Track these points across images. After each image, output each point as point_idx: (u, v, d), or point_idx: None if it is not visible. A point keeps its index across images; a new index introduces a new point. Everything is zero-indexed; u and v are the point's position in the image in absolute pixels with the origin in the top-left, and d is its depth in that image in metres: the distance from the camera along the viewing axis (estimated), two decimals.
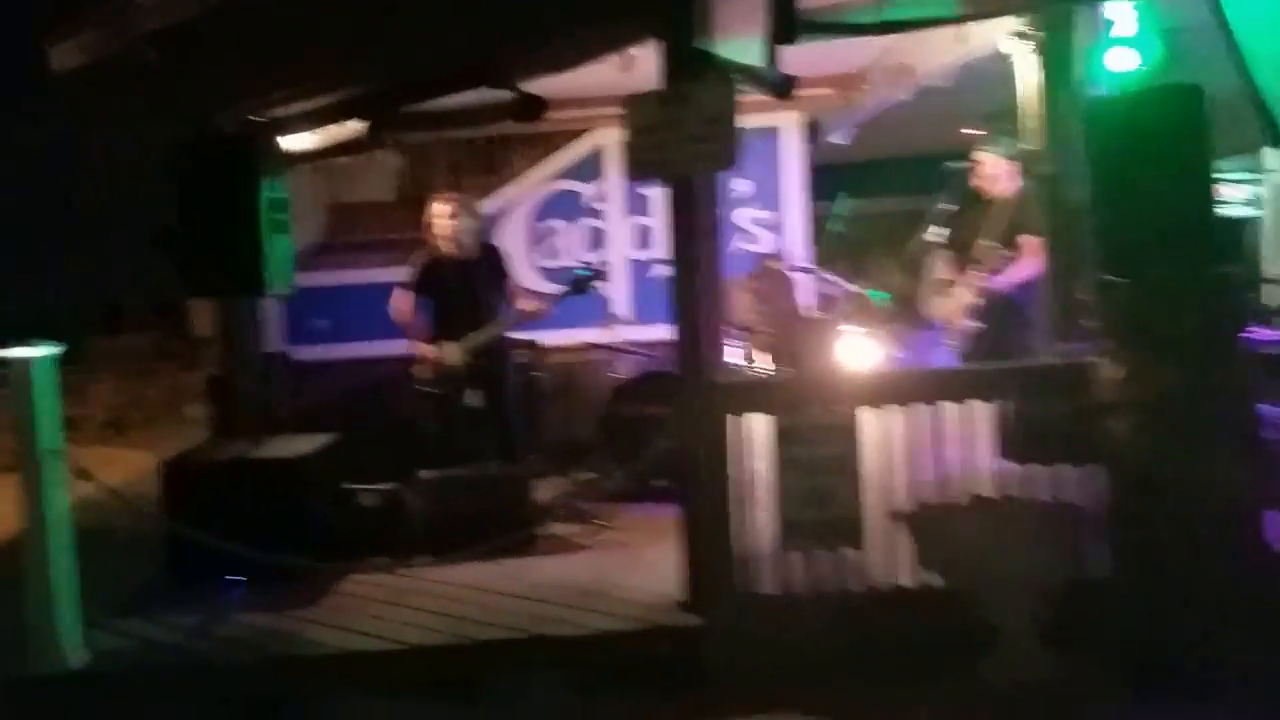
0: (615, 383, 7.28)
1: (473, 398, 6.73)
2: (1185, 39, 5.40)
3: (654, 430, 6.84)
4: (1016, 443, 4.72)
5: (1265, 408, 4.75)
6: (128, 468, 10.25)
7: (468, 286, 6.65)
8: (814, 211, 8.37)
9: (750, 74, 4.74)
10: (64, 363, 4.74)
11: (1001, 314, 6.29)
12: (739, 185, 8.10)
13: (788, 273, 7.75)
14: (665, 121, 4.64)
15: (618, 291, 8.04)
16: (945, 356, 7.36)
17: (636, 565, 5.58)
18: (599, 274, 6.84)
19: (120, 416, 12.65)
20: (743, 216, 8.16)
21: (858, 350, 6.96)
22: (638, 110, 4.73)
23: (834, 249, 8.17)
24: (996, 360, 5.98)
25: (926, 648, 4.50)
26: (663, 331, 7.70)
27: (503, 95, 5.58)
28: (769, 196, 8.19)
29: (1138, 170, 4.16)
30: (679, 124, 4.61)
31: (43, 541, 4.52)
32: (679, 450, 4.83)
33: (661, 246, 8.05)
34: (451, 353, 6.61)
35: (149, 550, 5.70)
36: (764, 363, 7.15)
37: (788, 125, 8.16)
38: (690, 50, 4.61)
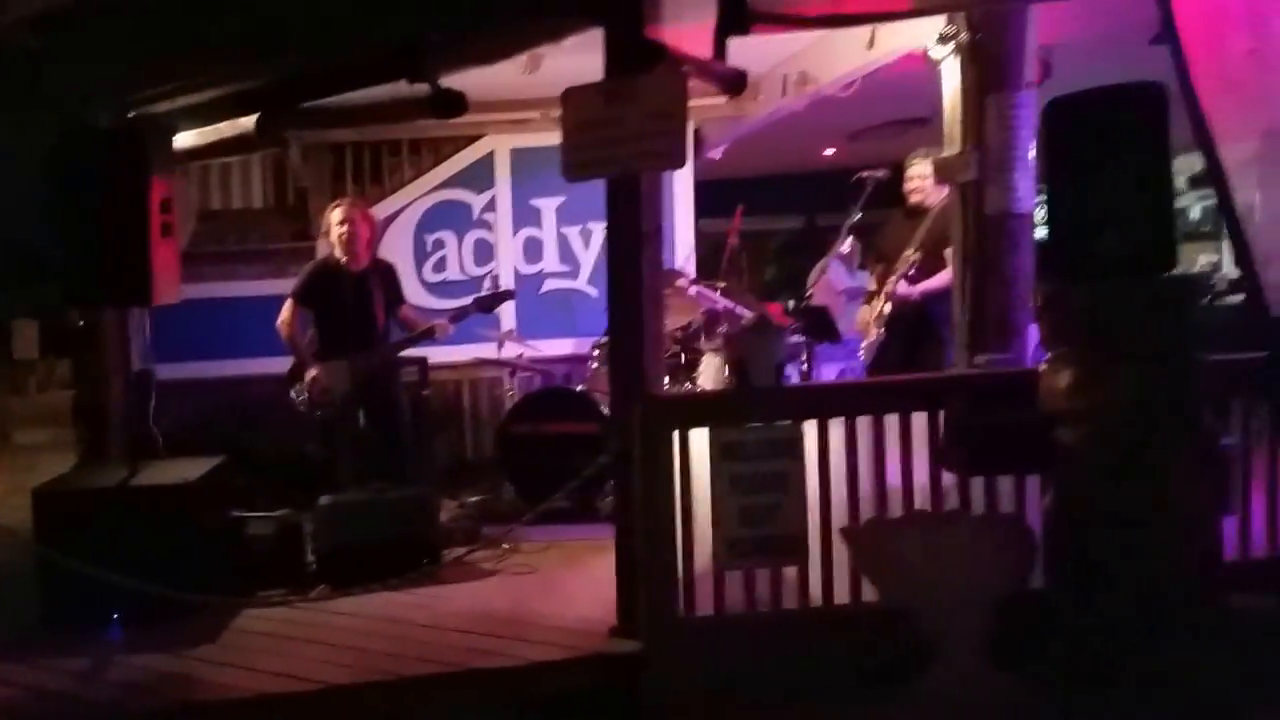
0: (510, 401, 6.99)
1: (357, 419, 6.36)
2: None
3: (552, 449, 6.59)
4: (956, 454, 4.60)
5: None
6: None
7: (361, 301, 6.30)
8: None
9: (702, 67, 4.53)
10: None
11: (913, 325, 6.25)
12: None
13: (688, 289, 7.56)
14: (609, 117, 4.39)
15: (507, 307, 7.71)
16: (846, 369, 7.30)
17: (552, 591, 5.29)
18: (509, 293, 6.50)
19: None
20: None
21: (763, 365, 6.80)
22: (577, 105, 4.47)
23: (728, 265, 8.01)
24: (904, 372, 5.93)
25: (870, 667, 4.34)
26: (554, 348, 7.55)
27: (417, 90, 5.22)
28: None
29: (1096, 173, 4.07)
30: (624, 120, 4.37)
31: None
32: (614, 466, 4.57)
33: (550, 260, 7.89)
34: (339, 373, 6.23)
35: (16, 587, 5.16)
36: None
37: None
38: (640, 40, 4.36)
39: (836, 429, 4.52)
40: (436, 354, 7.31)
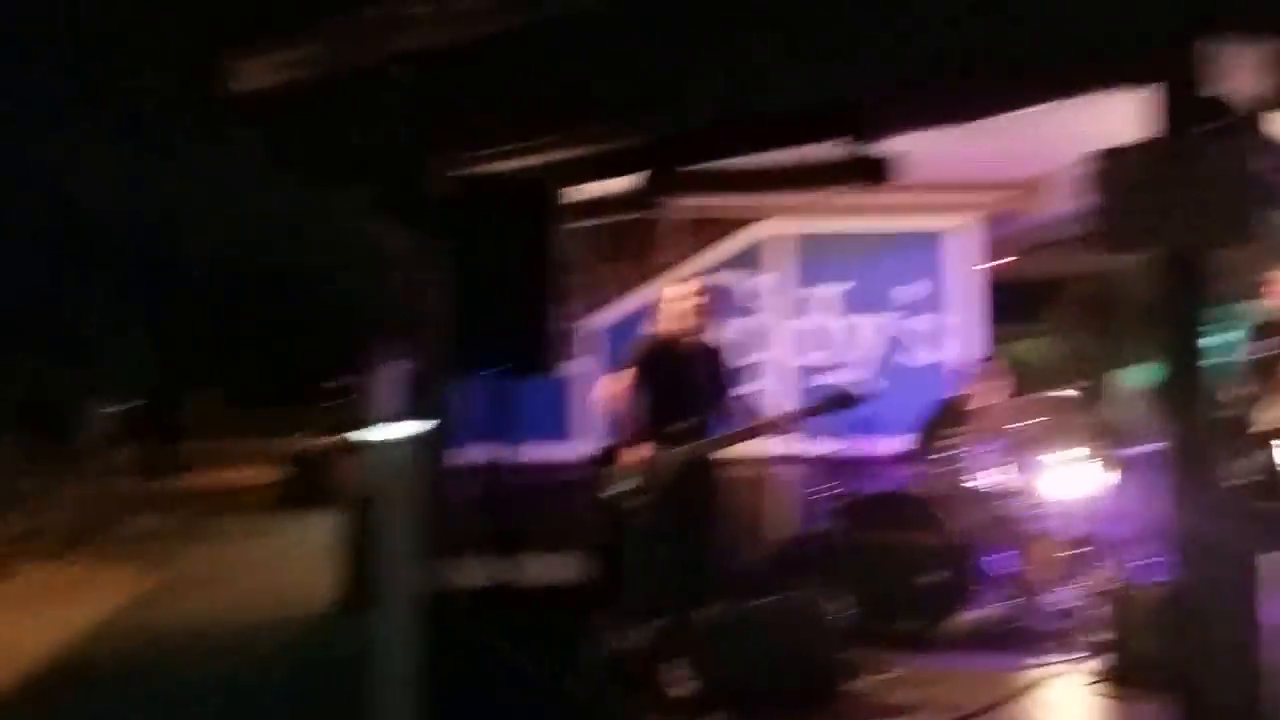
0: (842, 503, 6.28)
1: (669, 517, 5.61)
2: None
3: (892, 561, 5.89)
4: None
5: None
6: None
7: (693, 383, 5.62)
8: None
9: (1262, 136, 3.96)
10: None
11: None
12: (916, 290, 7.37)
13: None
14: (1168, 179, 3.81)
15: (778, 403, 7.02)
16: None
17: None
18: (860, 397, 5.67)
19: (73, 531, 10.73)
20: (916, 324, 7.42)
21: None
22: (1122, 164, 3.90)
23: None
24: None
25: None
26: (824, 446, 6.82)
27: (839, 153, 4.63)
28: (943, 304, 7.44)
29: None
30: (1188, 184, 3.79)
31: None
32: (1183, 597, 3.88)
33: (825, 352, 7.25)
34: (669, 458, 5.51)
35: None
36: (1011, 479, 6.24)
37: (965, 228, 7.45)
38: (1208, 97, 3.80)
39: None
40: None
